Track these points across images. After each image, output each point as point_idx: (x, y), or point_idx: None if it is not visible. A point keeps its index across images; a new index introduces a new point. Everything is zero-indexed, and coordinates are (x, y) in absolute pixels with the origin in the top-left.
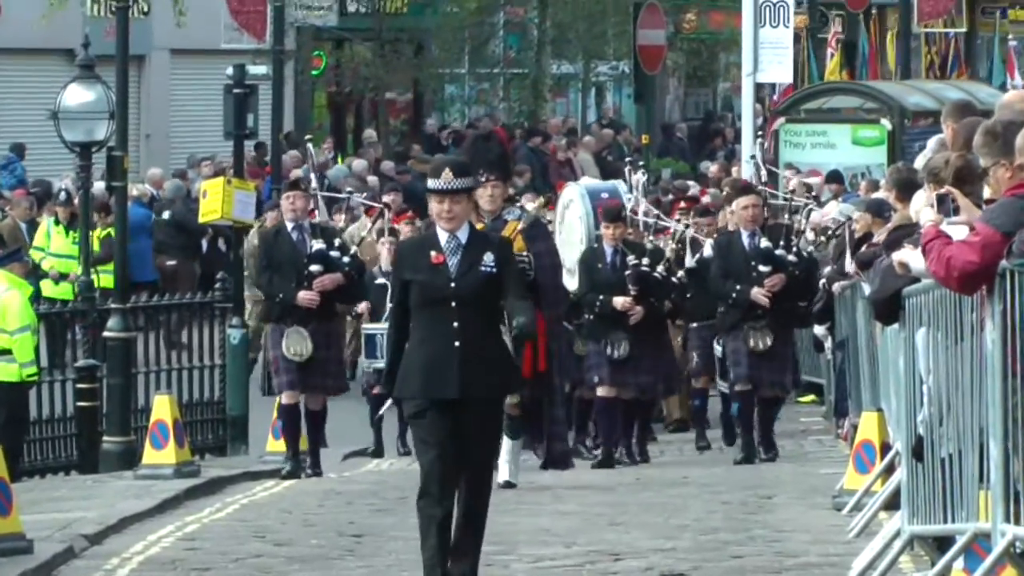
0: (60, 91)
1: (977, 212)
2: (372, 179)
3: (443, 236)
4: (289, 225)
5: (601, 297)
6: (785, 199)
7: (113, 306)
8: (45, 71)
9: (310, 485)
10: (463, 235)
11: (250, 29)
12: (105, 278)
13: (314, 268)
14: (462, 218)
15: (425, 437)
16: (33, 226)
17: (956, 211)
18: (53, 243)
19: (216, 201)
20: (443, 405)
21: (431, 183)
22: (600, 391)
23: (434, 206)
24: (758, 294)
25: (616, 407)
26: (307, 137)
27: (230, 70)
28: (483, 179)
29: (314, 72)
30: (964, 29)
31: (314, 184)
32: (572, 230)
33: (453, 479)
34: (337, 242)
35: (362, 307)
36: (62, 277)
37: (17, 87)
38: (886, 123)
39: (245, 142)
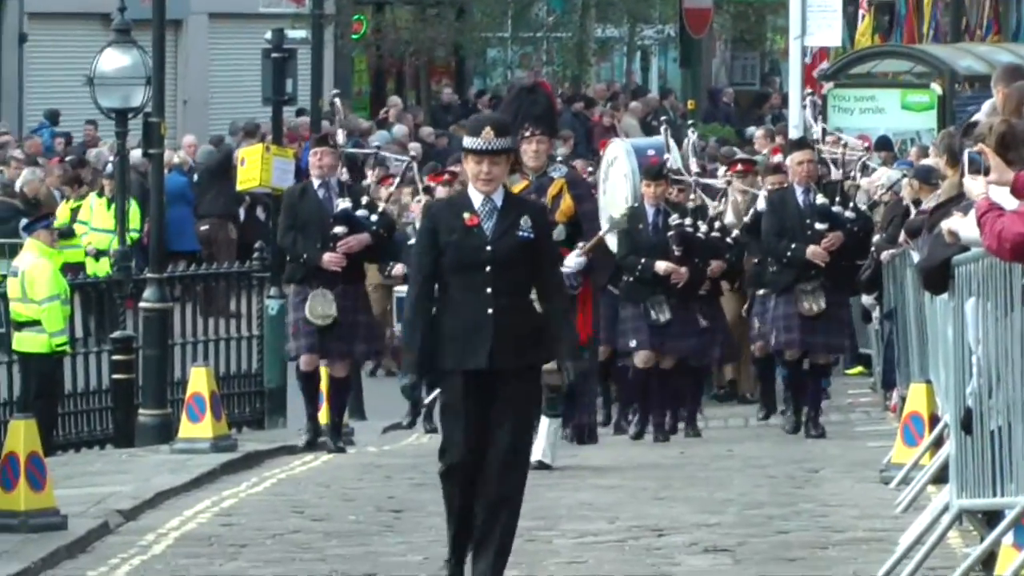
0: (96, 56)
1: (1009, 173)
2: (414, 144)
3: (477, 198)
4: (316, 183)
5: (643, 260)
6: (839, 153)
7: (149, 276)
8: (80, 36)
9: (348, 459)
10: (498, 198)
11: None
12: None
13: (339, 230)
14: (499, 180)
15: (453, 401)
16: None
17: (987, 171)
18: (96, 218)
19: (255, 169)
20: (475, 375)
21: (468, 142)
22: (637, 359)
23: (471, 167)
24: (815, 252)
25: (653, 376)
26: (334, 91)
27: (269, 34)
28: (527, 133)
29: (354, 36)
30: None
31: (342, 140)
32: (617, 188)
33: (479, 455)
34: (365, 200)
35: (398, 269)
36: (100, 253)
37: (52, 52)
38: (936, 87)
39: (284, 107)
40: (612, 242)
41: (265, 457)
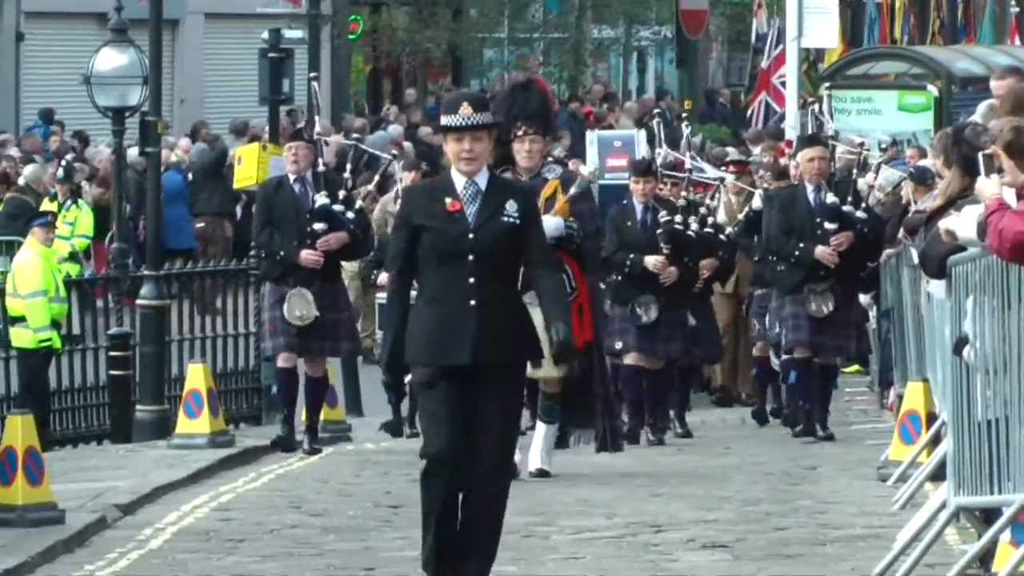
0: (92, 56)
1: (1021, 176)
2: (408, 145)
3: (459, 181)
4: (291, 177)
5: (632, 256)
6: (854, 152)
7: (146, 273)
8: (77, 35)
9: (346, 455)
10: (482, 180)
11: None
12: None
13: (318, 226)
14: (482, 159)
15: (434, 410)
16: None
17: (1000, 171)
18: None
19: (251, 167)
20: (455, 373)
21: (446, 120)
22: (627, 359)
23: (451, 146)
24: (824, 253)
25: (642, 377)
26: (312, 75)
27: (265, 34)
28: (520, 132)
29: (351, 36)
30: None
31: (318, 129)
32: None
33: (462, 462)
34: (342, 194)
35: (383, 278)
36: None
37: (49, 52)
38: (933, 89)
39: (280, 107)
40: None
41: (262, 453)
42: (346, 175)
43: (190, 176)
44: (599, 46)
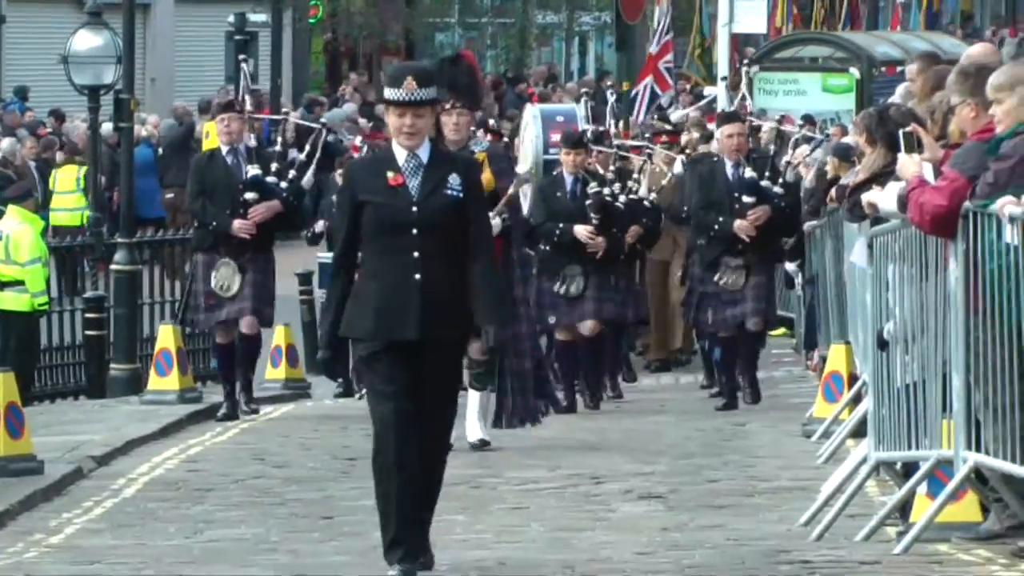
0: (70, 37)
1: (939, 150)
2: (362, 121)
3: (401, 155)
4: (224, 149)
5: (561, 225)
6: (772, 128)
7: (120, 240)
8: (55, 18)
9: (307, 411)
10: (424, 153)
11: None
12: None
13: (249, 196)
14: (424, 134)
15: (381, 386)
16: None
17: (921, 148)
18: None
19: (217, 141)
20: (400, 348)
21: (389, 93)
22: (558, 334)
23: (393, 120)
24: (742, 226)
25: (574, 349)
26: (241, 57)
27: (231, 17)
28: (448, 105)
29: (311, 20)
30: None
31: (248, 106)
32: (527, 153)
33: (412, 433)
34: (274, 167)
35: (319, 225)
36: None
37: (29, 33)
38: (855, 71)
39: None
40: (524, 203)
41: (236, 413)
42: (278, 147)
43: (160, 150)
44: (543, 31)
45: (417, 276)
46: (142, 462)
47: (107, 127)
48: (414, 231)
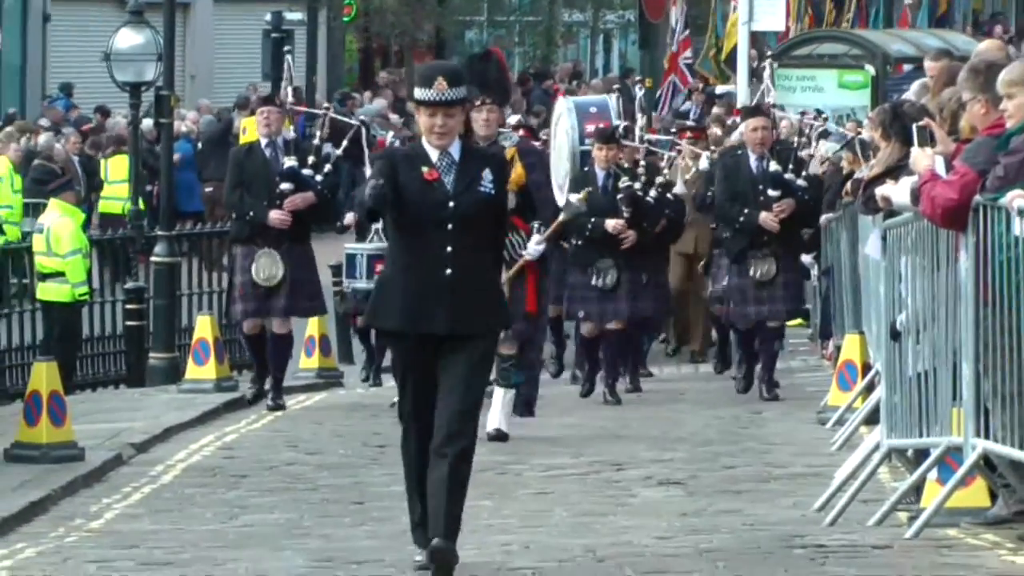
0: (112, 35)
1: (952, 144)
2: (394, 117)
3: (433, 153)
4: (263, 141)
5: (593, 219)
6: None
7: (160, 233)
8: (98, 16)
9: (339, 399)
10: (455, 151)
11: None
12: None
13: (285, 186)
14: (454, 133)
15: (408, 377)
16: (84, 158)
17: (933, 142)
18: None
19: (255, 136)
20: (429, 341)
21: (420, 93)
22: (583, 328)
23: (424, 120)
24: (767, 219)
25: (599, 343)
26: (286, 48)
27: (268, 16)
28: (478, 102)
29: (345, 19)
30: None
31: (290, 99)
32: (561, 145)
33: (431, 415)
34: (311, 159)
35: (349, 218)
36: None
37: (73, 31)
38: (870, 69)
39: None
40: (561, 197)
41: (262, 397)
42: (315, 141)
43: (199, 145)
44: (569, 29)
45: (448, 271)
46: (180, 449)
47: (147, 123)
48: (449, 226)
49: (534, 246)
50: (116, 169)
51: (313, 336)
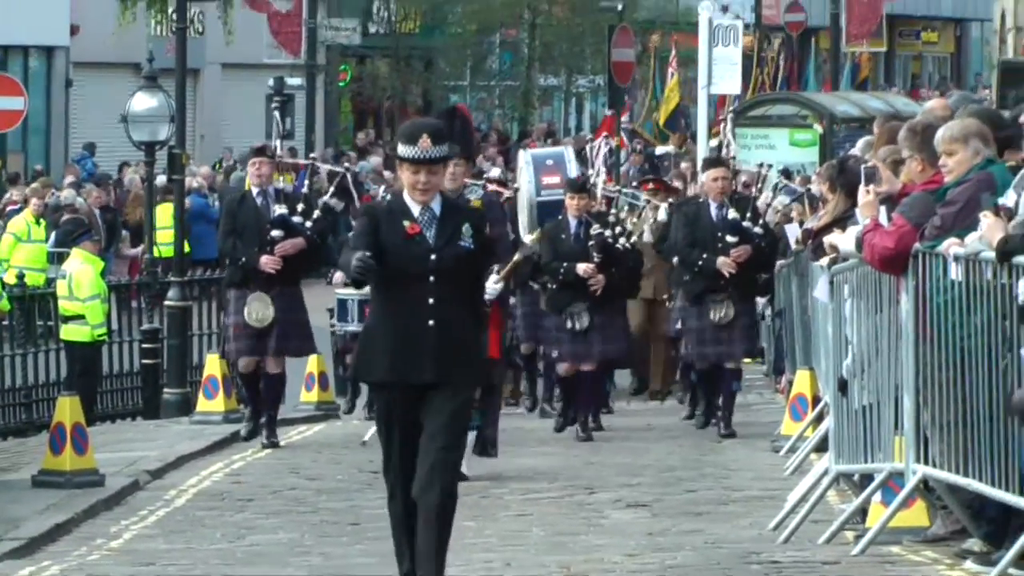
0: (128, 98)
1: (897, 183)
2: (387, 173)
3: (415, 207)
4: (255, 191)
5: (565, 264)
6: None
7: (173, 279)
8: (116, 81)
9: (336, 429)
10: (436, 206)
11: (288, 47)
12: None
13: (276, 233)
14: (437, 190)
15: (394, 429)
16: (106, 211)
17: (878, 181)
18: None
19: None
20: (413, 391)
21: (404, 150)
22: (560, 368)
23: (407, 176)
24: (724, 264)
25: (575, 382)
26: (273, 106)
27: (271, 81)
28: None
29: (341, 83)
30: (884, 48)
31: (279, 152)
32: (522, 196)
33: (424, 474)
34: (300, 207)
35: (337, 277)
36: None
37: (93, 95)
38: (818, 127)
39: (283, 141)
40: (527, 238)
41: (257, 434)
42: (304, 190)
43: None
44: (544, 92)
45: (431, 322)
46: (191, 475)
47: (161, 179)
48: (431, 278)
49: (492, 285)
50: (163, 216)
51: (313, 372)
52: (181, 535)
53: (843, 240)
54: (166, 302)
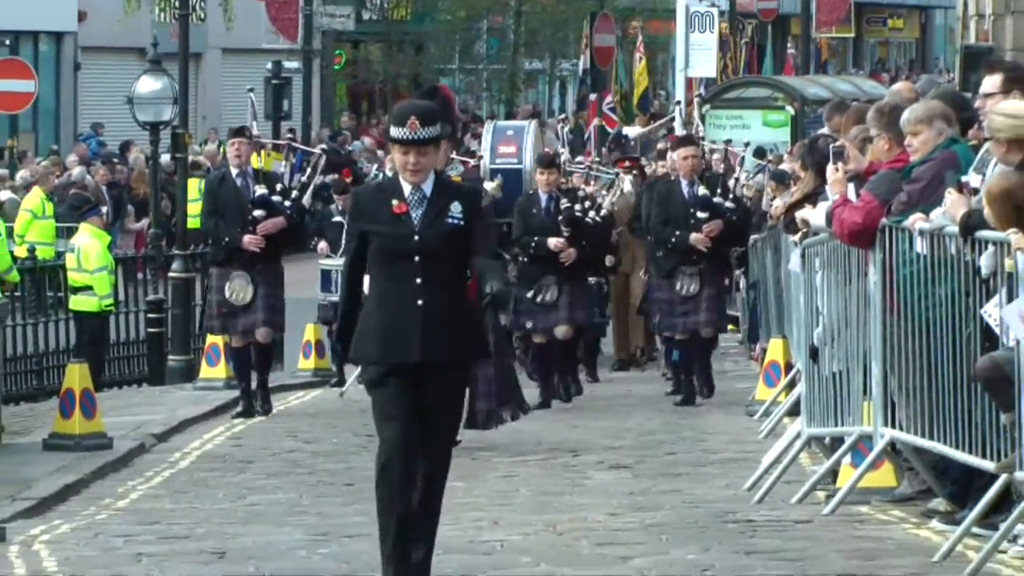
0: (134, 81)
1: (864, 161)
2: (380, 152)
3: (406, 187)
4: (234, 171)
5: (536, 239)
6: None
7: (176, 252)
8: (122, 65)
9: (332, 395)
10: (428, 186)
11: (285, 32)
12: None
13: (257, 213)
14: (428, 171)
15: (388, 409)
16: (112, 187)
17: (846, 160)
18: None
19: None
20: (405, 371)
21: (394, 132)
22: (535, 338)
23: (398, 157)
24: (697, 239)
25: (550, 351)
26: (248, 88)
27: (269, 65)
28: None
29: (336, 67)
30: (852, 35)
31: (256, 132)
32: (485, 163)
33: (415, 457)
34: (279, 187)
35: (322, 246)
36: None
37: (100, 78)
38: (790, 109)
39: (281, 122)
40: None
41: (252, 412)
42: (282, 170)
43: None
44: (529, 75)
45: (419, 302)
46: (195, 439)
47: (165, 158)
48: (416, 258)
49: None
50: (192, 190)
51: (310, 340)
52: (185, 495)
53: (814, 215)
54: (170, 274)
